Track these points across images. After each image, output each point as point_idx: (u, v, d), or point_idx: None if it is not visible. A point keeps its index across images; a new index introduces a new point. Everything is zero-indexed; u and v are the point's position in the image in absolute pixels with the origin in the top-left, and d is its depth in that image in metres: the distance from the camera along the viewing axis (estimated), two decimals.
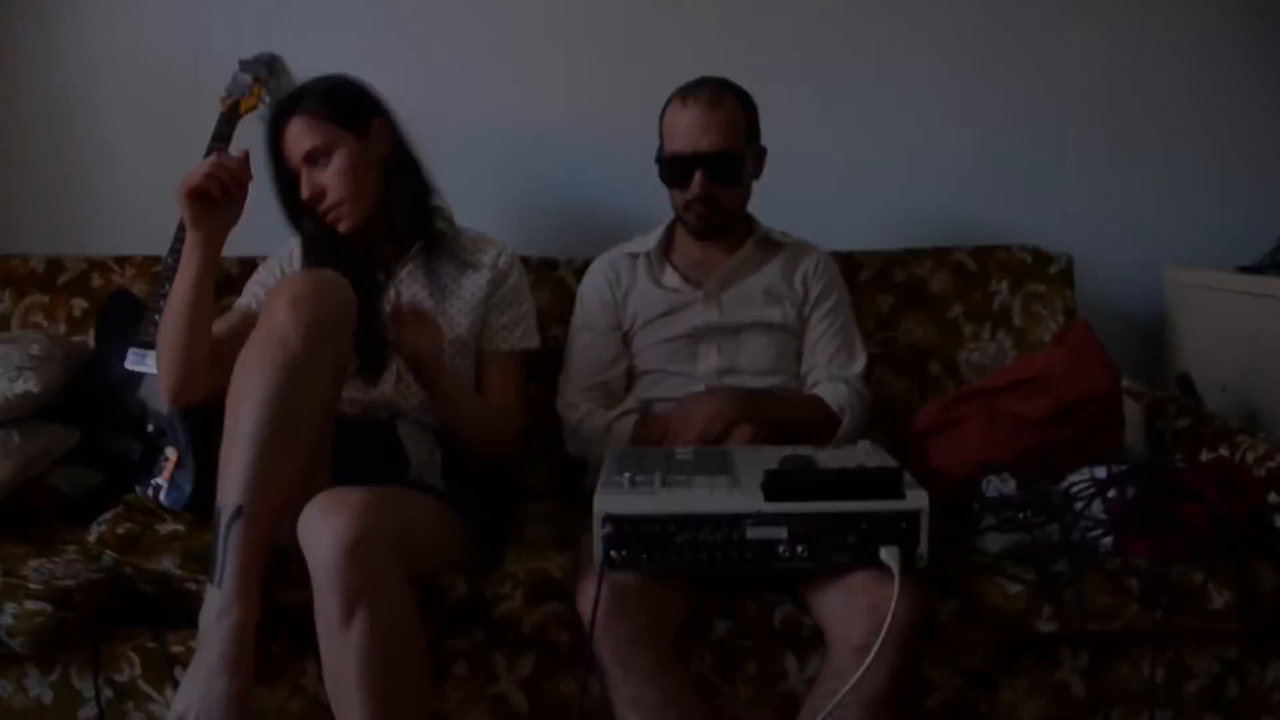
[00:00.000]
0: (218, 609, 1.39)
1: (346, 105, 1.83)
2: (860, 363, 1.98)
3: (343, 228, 1.82)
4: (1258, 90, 2.36)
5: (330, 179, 1.79)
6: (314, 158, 1.79)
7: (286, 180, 1.82)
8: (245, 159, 1.63)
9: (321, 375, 1.52)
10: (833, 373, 1.94)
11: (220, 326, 1.73)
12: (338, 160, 1.79)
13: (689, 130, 1.87)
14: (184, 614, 1.50)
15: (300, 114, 1.79)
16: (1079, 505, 1.59)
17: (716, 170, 1.88)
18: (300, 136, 1.79)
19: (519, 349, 1.91)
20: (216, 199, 1.59)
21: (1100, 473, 1.62)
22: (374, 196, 1.84)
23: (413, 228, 1.89)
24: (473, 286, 1.88)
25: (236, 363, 1.50)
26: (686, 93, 1.90)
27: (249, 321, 1.63)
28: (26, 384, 1.79)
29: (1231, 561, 1.55)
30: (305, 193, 1.79)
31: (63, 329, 2.16)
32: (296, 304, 1.48)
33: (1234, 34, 2.35)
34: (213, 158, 1.59)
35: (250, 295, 1.90)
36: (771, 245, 2.02)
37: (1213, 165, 2.38)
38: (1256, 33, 2.35)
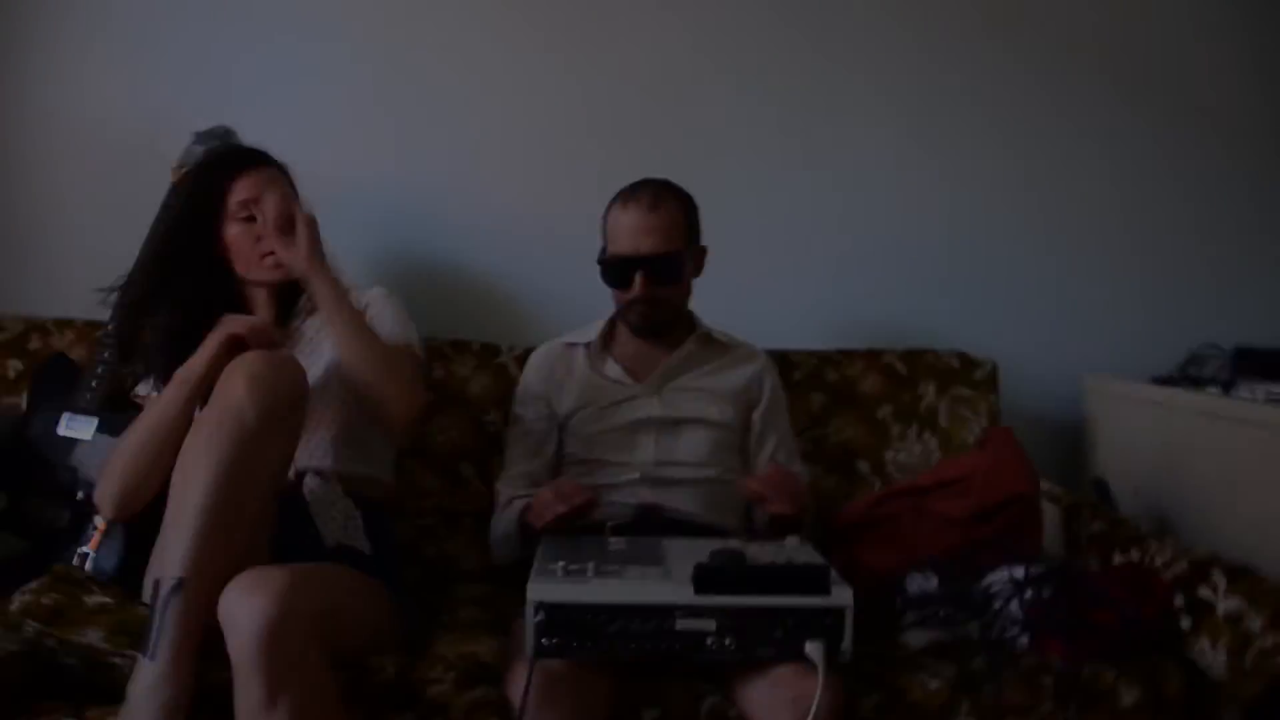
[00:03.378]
0: (149, 683, 1.37)
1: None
2: (800, 465, 2.07)
3: (279, 273, 1.84)
4: (1176, 210, 2.49)
5: (302, 219, 1.80)
6: (286, 196, 1.84)
7: (204, 228, 1.85)
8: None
9: (273, 453, 1.54)
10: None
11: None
12: (300, 207, 1.83)
13: (630, 232, 1.93)
14: (106, 689, 1.47)
15: (267, 165, 1.86)
16: (997, 605, 1.65)
17: (657, 271, 1.93)
18: (274, 181, 1.84)
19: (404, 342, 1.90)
20: (246, 345, 1.67)
21: (1019, 572, 1.67)
22: None
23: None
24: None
25: (189, 433, 1.51)
26: (628, 196, 1.96)
27: None
28: None
29: (1141, 662, 1.61)
30: (274, 222, 1.80)
31: None
32: (255, 382, 1.50)
33: (1149, 153, 2.48)
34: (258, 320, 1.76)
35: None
36: (713, 344, 2.07)
37: (1130, 279, 2.50)
38: (1170, 151, 2.48)
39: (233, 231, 1.84)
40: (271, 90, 2.38)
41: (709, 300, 2.10)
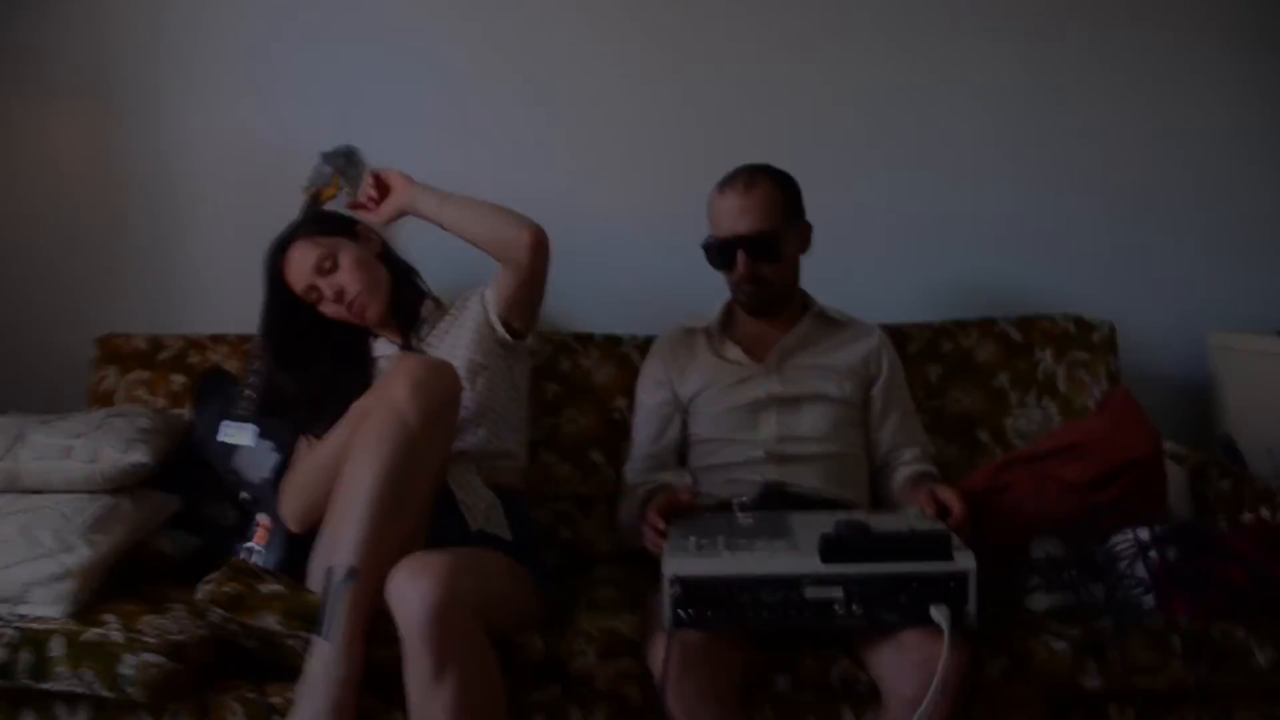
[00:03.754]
0: (326, 661, 1.50)
1: (331, 221, 2.04)
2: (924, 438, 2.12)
3: (370, 316, 2.00)
4: None
5: (346, 277, 1.98)
6: (322, 266, 1.97)
7: (291, 315, 2.01)
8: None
9: (433, 452, 1.67)
10: (923, 446, 2.08)
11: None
12: (345, 260, 1.98)
13: (728, 215, 2.00)
14: (282, 668, 1.61)
15: (296, 240, 2.00)
16: (1122, 565, 1.67)
17: (757, 249, 1.99)
18: (304, 256, 1.98)
19: None
20: None
21: (1143, 534, 1.69)
22: (388, 284, 2.04)
23: (416, 300, 2.11)
24: (471, 315, 2.05)
25: (356, 434, 1.65)
26: (724, 183, 2.04)
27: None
28: (139, 455, 1.91)
29: (1275, 620, 1.61)
30: (329, 293, 1.97)
31: (162, 403, 2.30)
32: (415, 386, 1.63)
33: (1272, 100, 2.43)
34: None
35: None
36: (829, 321, 2.12)
37: (1253, 228, 2.45)
38: None
39: (324, 310, 2.01)
40: (391, 102, 2.50)
41: (821, 279, 2.14)
